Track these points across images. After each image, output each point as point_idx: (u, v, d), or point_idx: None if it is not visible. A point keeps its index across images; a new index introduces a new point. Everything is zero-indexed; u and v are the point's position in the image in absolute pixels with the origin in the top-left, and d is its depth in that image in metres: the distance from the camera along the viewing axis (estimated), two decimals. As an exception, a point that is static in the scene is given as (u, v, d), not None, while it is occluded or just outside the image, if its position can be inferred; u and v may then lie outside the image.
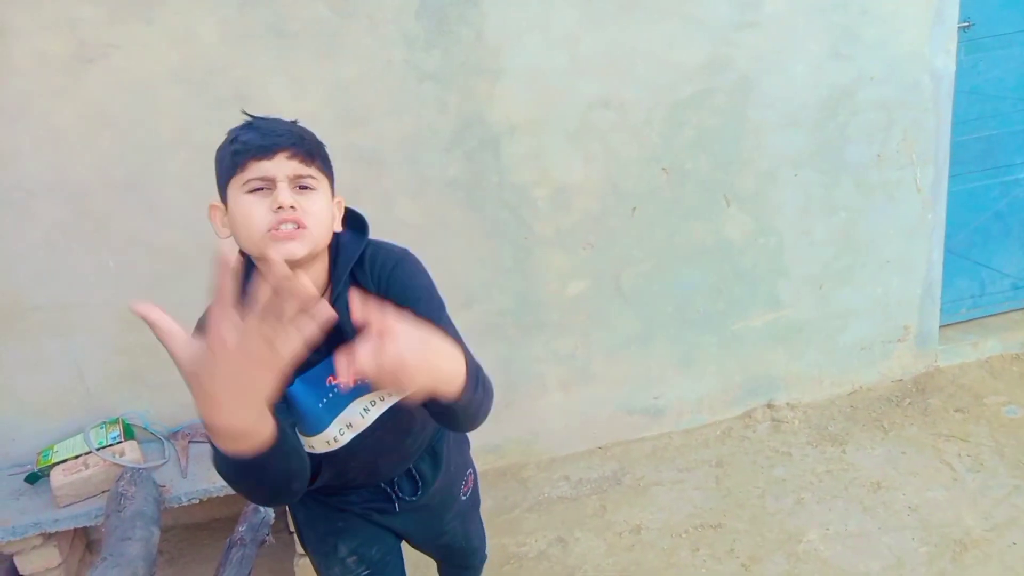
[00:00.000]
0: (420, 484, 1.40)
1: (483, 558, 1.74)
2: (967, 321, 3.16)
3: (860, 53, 2.57)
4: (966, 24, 2.68)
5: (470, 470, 1.57)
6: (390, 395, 1.21)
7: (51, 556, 2.21)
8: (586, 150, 2.49)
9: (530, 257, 2.56)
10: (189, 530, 2.55)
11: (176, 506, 2.17)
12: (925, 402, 2.87)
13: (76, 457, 2.21)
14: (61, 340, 2.33)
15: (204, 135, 2.23)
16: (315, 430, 1.18)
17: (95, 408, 2.40)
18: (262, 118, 1.11)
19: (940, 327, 3.01)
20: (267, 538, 1.86)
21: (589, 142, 2.49)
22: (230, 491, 2.19)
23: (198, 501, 2.18)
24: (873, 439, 2.70)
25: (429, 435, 1.40)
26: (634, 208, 2.59)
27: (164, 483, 2.18)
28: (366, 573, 1.42)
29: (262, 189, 1.05)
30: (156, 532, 1.88)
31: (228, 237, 1.09)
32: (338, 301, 1.12)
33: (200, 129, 2.21)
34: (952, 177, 2.82)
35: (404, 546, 1.55)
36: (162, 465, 2.27)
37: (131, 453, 2.22)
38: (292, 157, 1.06)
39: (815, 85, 2.58)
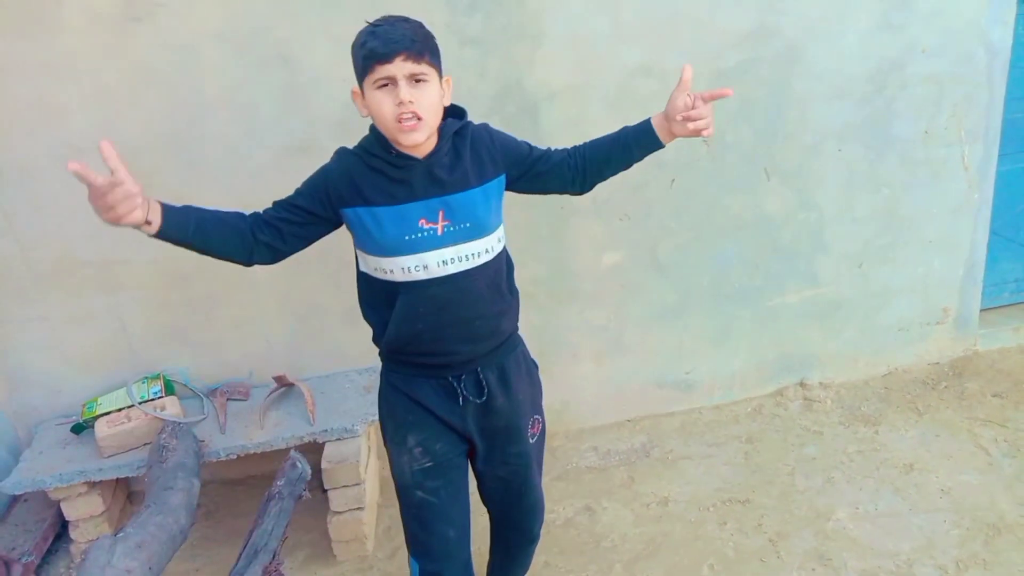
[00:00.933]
0: (486, 389, 1.55)
1: (538, 532, 1.81)
2: (1010, 305, 3.09)
3: (912, 23, 2.49)
4: (1026, -4, 2.59)
5: (539, 416, 1.69)
6: (469, 257, 1.46)
7: (95, 504, 2.29)
8: (626, 118, 2.42)
9: (566, 226, 2.55)
10: (226, 485, 2.62)
11: (214, 460, 2.22)
12: (962, 386, 2.83)
13: (119, 410, 2.27)
14: (106, 296, 2.38)
15: (247, 95, 2.25)
16: (393, 251, 1.43)
17: (137, 363, 2.46)
18: (382, 24, 1.36)
19: (981, 310, 2.95)
20: (304, 494, 1.89)
21: (629, 110, 2.43)
22: (266, 448, 2.24)
23: (235, 456, 2.24)
24: (907, 421, 2.67)
25: (500, 334, 1.57)
26: (673, 179, 2.56)
27: (203, 438, 2.24)
28: (428, 464, 1.57)
29: (387, 85, 1.35)
30: (196, 484, 1.93)
31: (367, 116, 1.42)
32: (440, 157, 1.44)
33: (243, 89, 2.22)
34: (1001, 156, 2.74)
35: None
36: (201, 420, 2.32)
37: (172, 408, 2.28)
38: (407, 59, 1.33)
39: (864, 56, 2.51)
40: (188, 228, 1.40)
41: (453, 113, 1.52)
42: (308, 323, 2.51)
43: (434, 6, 2.23)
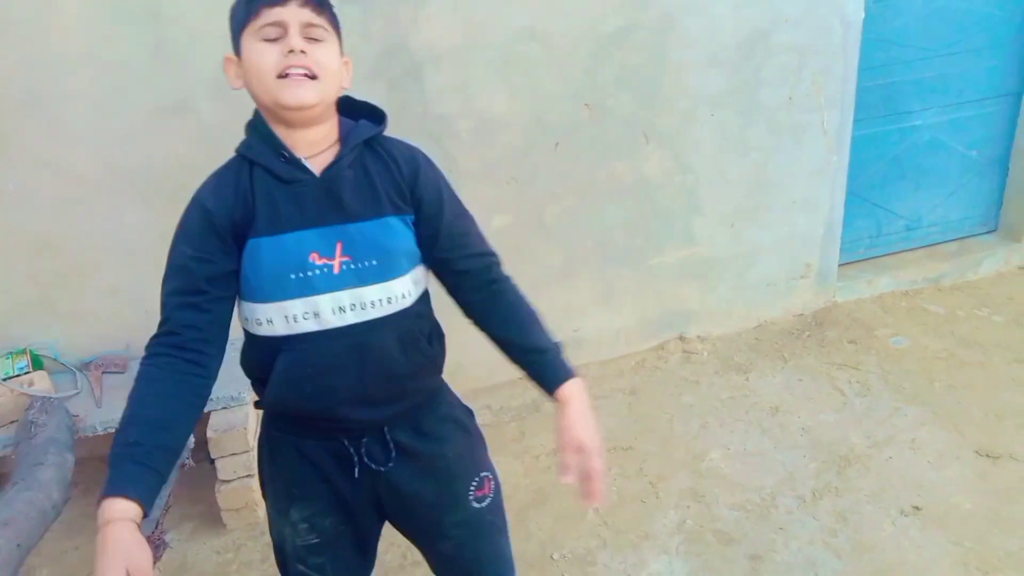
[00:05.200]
0: (393, 453, 1.24)
1: None
2: (864, 260, 3.37)
3: (777, -5, 2.65)
4: (876, -28, 2.80)
5: (487, 474, 1.36)
6: (374, 305, 1.15)
7: (-44, 488, 2.15)
8: (510, 82, 2.50)
9: (456, 190, 2.57)
10: (104, 461, 2.50)
11: (91, 436, 2.13)
12: (822, 334, 3.08)
13: (-19, 387, 2.13)
14: (-41, 266, 2.22)
15: (113, 52, 2.13)
16: (274, 295, 1.13)
17: (1, 338, 2.32)
18: None
19: (839, 265, 3.21)
20: (187, 462, 1.86)
21: (514, 74, 2.49)
22: (148, 420, 2.17)
23: (114, 430, 2.15)
24: (774, 368, 2.89)
25: (416, 394, 1.26)
26: (557, 143, 2.63)
27: (77, 413, 2.14)
28: (315, 540, 1.28)
29: (275, 39, 1.08)
30: (70, 458, 1.86)
31: (241, 87, 1.12)
32: (342, 170, 1.15)
33: (108, 45, 2.11)
34: (856, 122, 2.97)
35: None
36: (74, 396, 2.22)
37: (40, 383, 2.16)
38: (304, 5, 1.09)
39: (736, 26, 2.65)
40: (161, 470, 1.09)
41: (367, 114, 1.22)
42: (189, 291, 2.43)
43: (312, -38, 2.18)
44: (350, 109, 1.22)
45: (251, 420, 2.26)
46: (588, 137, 2.65)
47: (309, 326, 1.13)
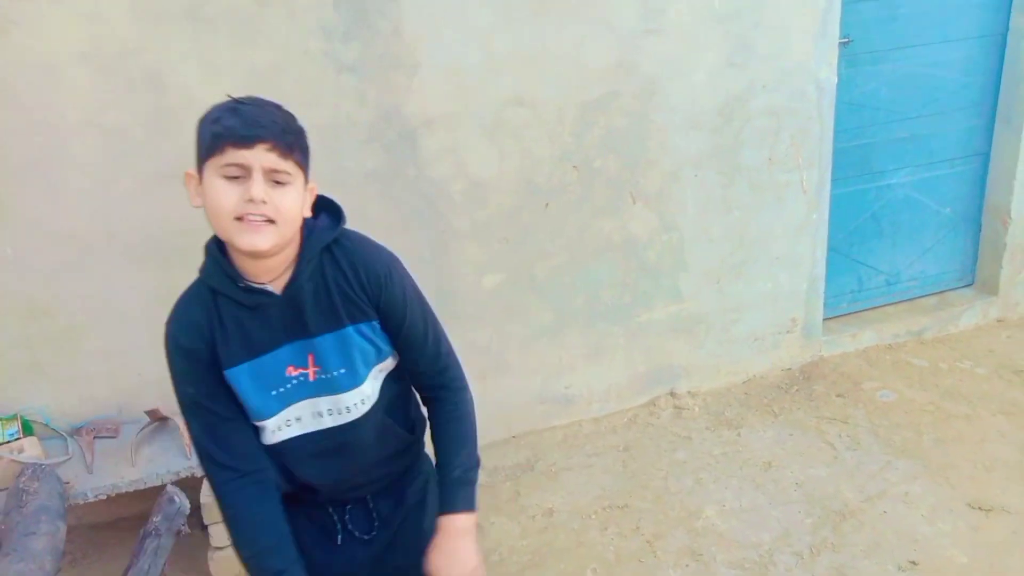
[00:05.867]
0: (376, 522, 1.29)
1: None
2: (847, 314, 3.43)
3: (753, 63, 2.77)
4: (846, 40, 2.94)
5: None
6: (350, 409, 1.21)
7: (-61, 560, 2.09)
8: (501, 146, 2.58)
9: (447, 250, 2.62)
10: (94, 529, 2.46)
11: (81, 503, 2.10)
12: (810, 388, 3.11)
13: (-31, 454, 2.10)
14: (-49, 332, 2.21)
15: (113, 118, 2.18)
16: (260, 414, 1.18)
17: (-11, 403, 2.29)
18: (247, 103, 1.10)
19: (824, 320, 3.27)
20: (183, 528, 1.83)
21: (504, 138, 2.57)
22: (139, 486, 2.15)
23: (105, 497, 2.12)
24: (764, 422, 2.91)
25: (398, 470, 1.32)
26: (547, 204, 2.69)
27: (68, 479, 2.11)
28: None
29: (237, 177, 1.07)
30: (62, 527, 1.83)
31: (200, 207, 1.11)
32: (302, 285, 1.15)
33: (109, 112, 2.15)
34: (834, 181, 3.07)
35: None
36: (66, 461, 2.18)
37: (31, 449, 2.13)
38: (271, 150, 1.07)
39: (713, 91, 2.76)
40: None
41: (325, 210, 1.22)
42: (182, 354, 2.43)
43: (310, 33, 2.26)
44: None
45: (244, 484, 2.23)
46: (576, 197, 2.72)
47: (292, 431, 1.21)
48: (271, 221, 1.07)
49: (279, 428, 1.20)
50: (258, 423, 1.20)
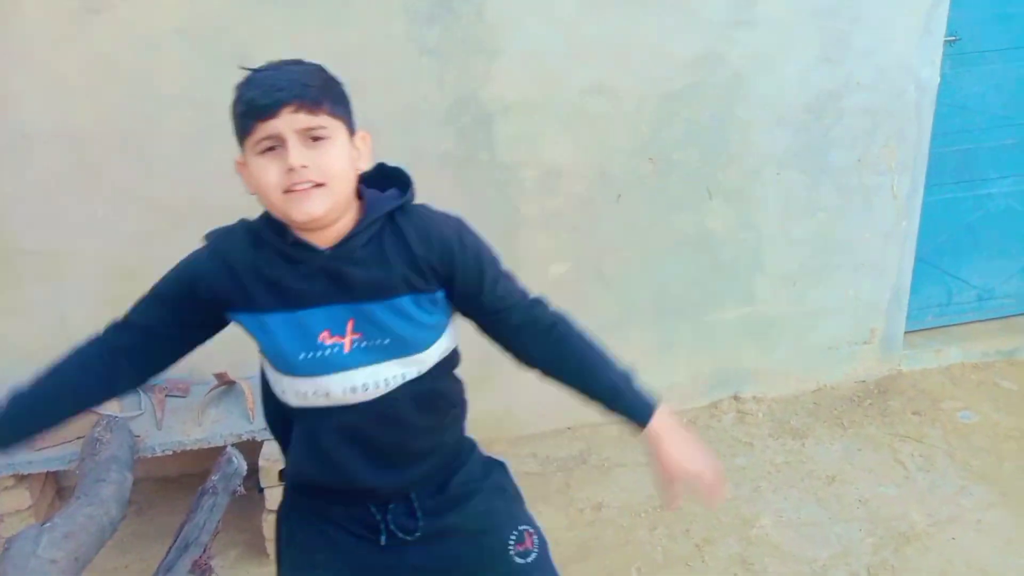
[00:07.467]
0: (420, 522, 1.20)
1: None
2: (932, 328, 3.26)
3: (849, 59, 2.63)
4: (953, 39, 2.75)
5: (527, 527, 1.29)
6: (388, 382, 1.13)
7: (22, 498, 2.25)
8: (576, 135, 2.54)
9: (515, 236, 2.61)
10: (160, 483, 2.59)
11: (149, 456, 2.21)
12: (885, 403, 2.97)
13: (55, 402, 2.23)
14: (47, 287, 2.35)
15: (205, 93, 2.25)
16: (284, 371, 1.13)
17: (76, 355, 2.43)
18: (262, 69, 1.05)
19: (905, 333, 3.11)
20: (238, 489, 1.90)
21: (580, 127, 2.54)
22: (203, 445, 2.24)
23: (171, 452, 2.23)
24: (832, 435, 2.80)
25: (439, 454, 1.23)
26: (619, 195, 2.65)
27: (139, 433, 2.22)
28: None
29: (274, 148, 1.03)
30: (129, 477, 1.92)
31: (255, 194, 1.08)
32: (354, 249, 1.09)
33: (201, 87, 2.23)
34: (928, 187, 2.90)
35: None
36: (138, 416, 2.30)
37: (108, 402, 2.26)
38: (297, 110, 1.01)
39: (804, 87, 2.65)
40: (26, 426, 1.17)
41: (392, 179, 1.16)
42: (254, 321, 2.52)
43: (394, 15, 2.28)
44: (382, 175, 1.18)
45: (303, 452, 2.30)
46: (651, 190, 2.66)
47: (320, 402, 1.12)
48: (320, 185, 1.02)
49: (307, 396, 1.13)
50: (281, 375, 1.14)
